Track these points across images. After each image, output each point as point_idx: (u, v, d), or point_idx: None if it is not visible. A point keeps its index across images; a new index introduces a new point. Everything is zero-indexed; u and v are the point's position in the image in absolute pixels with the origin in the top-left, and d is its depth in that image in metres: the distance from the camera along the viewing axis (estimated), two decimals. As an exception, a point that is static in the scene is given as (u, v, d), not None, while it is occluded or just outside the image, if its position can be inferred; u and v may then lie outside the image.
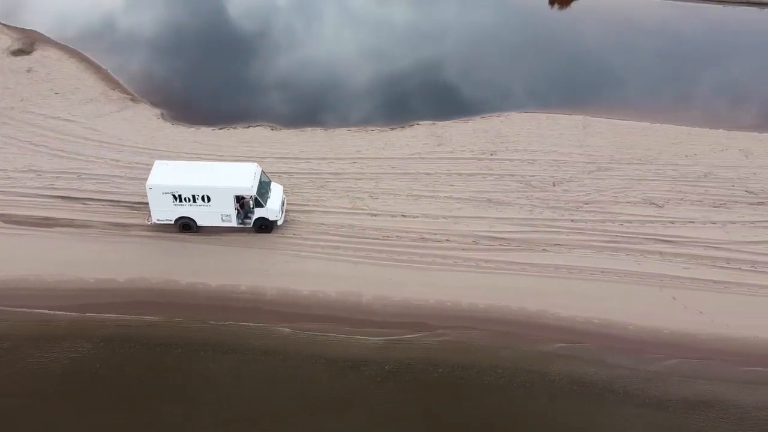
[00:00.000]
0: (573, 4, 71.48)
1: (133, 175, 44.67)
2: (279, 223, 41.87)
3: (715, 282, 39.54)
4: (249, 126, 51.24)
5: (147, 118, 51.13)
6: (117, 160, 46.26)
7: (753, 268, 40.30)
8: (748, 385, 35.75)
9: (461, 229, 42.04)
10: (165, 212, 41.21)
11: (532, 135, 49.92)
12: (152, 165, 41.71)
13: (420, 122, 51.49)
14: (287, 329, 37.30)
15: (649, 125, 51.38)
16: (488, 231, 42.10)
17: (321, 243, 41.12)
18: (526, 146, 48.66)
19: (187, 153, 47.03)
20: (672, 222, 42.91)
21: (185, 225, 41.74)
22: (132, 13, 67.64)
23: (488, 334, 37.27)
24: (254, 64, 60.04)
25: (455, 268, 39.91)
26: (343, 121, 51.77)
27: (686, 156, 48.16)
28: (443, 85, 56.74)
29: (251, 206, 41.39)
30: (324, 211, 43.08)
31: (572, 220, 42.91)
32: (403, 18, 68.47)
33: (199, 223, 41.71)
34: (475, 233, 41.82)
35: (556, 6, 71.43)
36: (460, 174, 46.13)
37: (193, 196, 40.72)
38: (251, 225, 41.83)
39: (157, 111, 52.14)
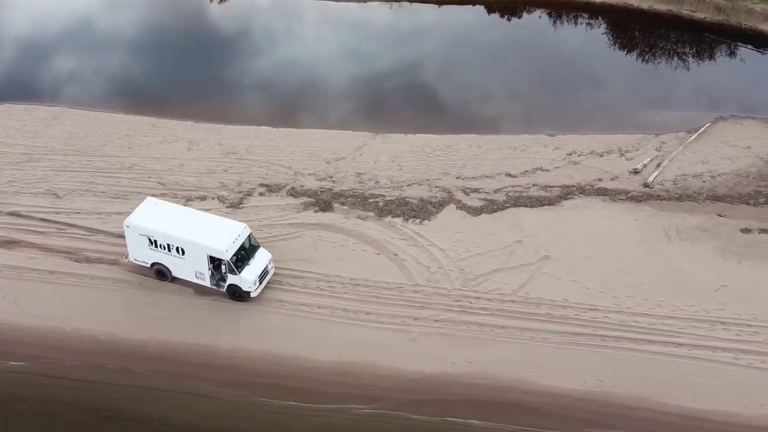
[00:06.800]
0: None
1: None
2: (253, 294, 38.64)
3: (50, 272, 41.28)
4: None
5: None
6: None
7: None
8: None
9: None
10: (142, 254, 39.72)
11: (-3, 128, 51.40)
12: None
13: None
14: None
15: (155, 120, 53.00)
16: None
17: None
18: (-25, 139, 50.07)
19: None
20: (58, 212, 44.52)
21: (160, 272, 39.94)
22: None
23: None
24: None
25: None
26: None
27: (129, 147, 49.79)
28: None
29: (224, 270, 38.58)
30: None
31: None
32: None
33: (174, 273, 39.73)
34: None
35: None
36: None
37: (168, 245, 38.55)
38: (224, 290, 39.21)
39: None
